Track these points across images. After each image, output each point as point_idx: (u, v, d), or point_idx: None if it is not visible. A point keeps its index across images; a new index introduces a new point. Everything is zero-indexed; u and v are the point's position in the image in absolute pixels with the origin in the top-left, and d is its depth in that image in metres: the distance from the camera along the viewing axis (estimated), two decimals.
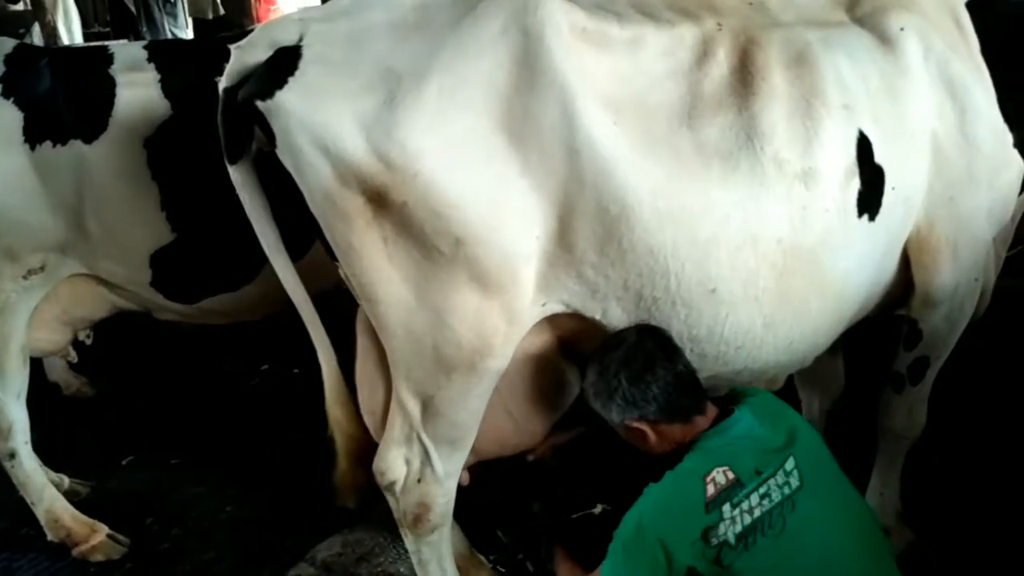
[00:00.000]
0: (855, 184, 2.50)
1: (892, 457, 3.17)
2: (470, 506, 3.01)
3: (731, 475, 2.21)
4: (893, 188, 2.58)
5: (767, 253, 2.42)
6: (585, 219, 2.29)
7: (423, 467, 2.60)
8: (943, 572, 3.06)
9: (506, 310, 2.37)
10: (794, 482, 2.24)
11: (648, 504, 2.28)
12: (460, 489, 2.73)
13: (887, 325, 3.10)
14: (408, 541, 2.77)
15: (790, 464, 2.26)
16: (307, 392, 4.87)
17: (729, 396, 2.48)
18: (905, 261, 2.81)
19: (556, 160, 2.26)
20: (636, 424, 2.35)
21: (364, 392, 2.73)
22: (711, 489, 2.20)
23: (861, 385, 3.50)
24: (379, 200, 2.25)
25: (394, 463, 2.62)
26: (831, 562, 2.21)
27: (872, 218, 2.56)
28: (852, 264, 2.59)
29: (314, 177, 2.28)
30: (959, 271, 2.79)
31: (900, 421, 3.07)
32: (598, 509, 3.29)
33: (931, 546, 3.19)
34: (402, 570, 3.46)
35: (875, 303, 2.85)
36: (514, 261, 2.32)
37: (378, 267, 2.34)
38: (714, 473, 2.22)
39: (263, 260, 3.36)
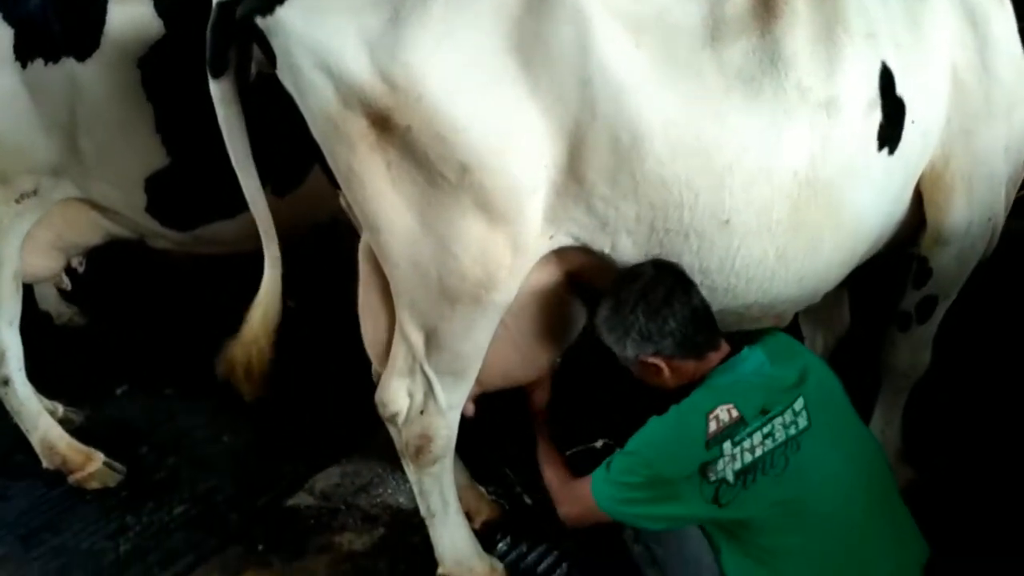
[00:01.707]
0: (876, 116, 2.43)
1: (895, 395, 3.16)
2: (471, 438, 2.99)
3: (735, 413, 2.19)
4: (913, 121, 2.51)
5: (784, 184, 2.35)
6: (596, 149, 2.21)
7: (426, 399, 2.57)
8: (943, 509, 3.06)
9: (512, 241, 2.31)
10: (801, 422, 2.22)
11: (649, 435, 2.28)
12: (463, 420, 2.70)
13: (894, 263, 3.06)
14: (410, 472, 2.76)
15: (799, 404, 2.24)
16: (302, 325, 4.87)
17: (743, 335, 2.45)
18: (917, 197, 2.75)
19: (567, 86, 2.18)
20: (651, 360, 2.31)
21: (367, 324, 2.69)
22: (713, 426, 2.18)
23: (865, 323, 3.47)
24: (382, 123, 2.17)
25: (396, 395, 2.58)
26: (834, 502, 2.21)
27: (891, 152, 2.49)
28: (869, 199, 2.53)
29: (316, 99, 2.19)
30: (973, 209, 2.74)
31: (904, 360, 3.05)
32: (599, 443, 3.27)
33: (932, 484, 3.19)
34: (401, 501, 3.47)
35: (886, 240, 2.80)
36: (521, 190, 2.25)
37: (380, 193, 2.27)
38: (718, 410, 2.20)
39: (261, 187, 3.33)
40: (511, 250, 2.32)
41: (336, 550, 3.24)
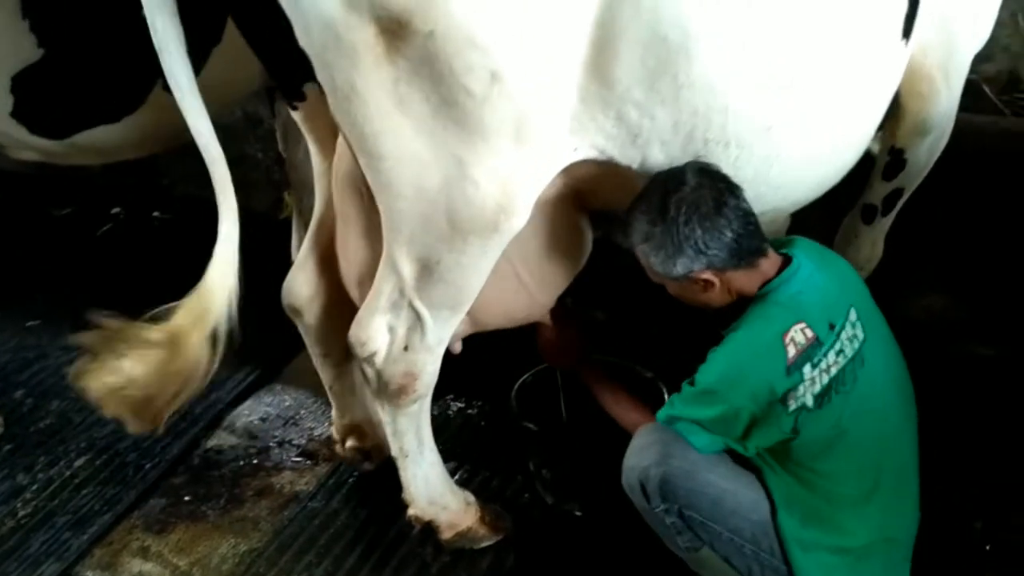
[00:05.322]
0: (904, 1, 2.27)
1: None
2: None
3: (810, 333, 2.06)
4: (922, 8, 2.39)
5: (831, 79, 2.18)
6: (635, 48, 1.93)
7: (410, 334, 2.29)
8: None
9: (538, 159, 2.04)
10: (860, 334, 2.13)
11: (721, 369, 2.11)
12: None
13: None
14: (383, 411, 2.48)
15: (853, 315, 2.14)
16: (174, 239, 4.36)
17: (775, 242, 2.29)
18: None
19: None
20: (703, 275, 2.11)
21: (346, 264, 2.39)
22: (792, 350, 2.04)
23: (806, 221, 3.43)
24: (396, 31, 1.81)
25: (377, 332, 2.28)
26: (886, 413, 2.17)
27: (907, 41, 2.35)
28: (886, 92, 2.42)
29: (312, 2, 1.81)
30: (951, 99, 2.68)
31: (864, 253, 2.99)
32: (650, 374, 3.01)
33: None
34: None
35: None
36: (555, 98, 1.97)
37: (386, 114, 1.92)
38: (792, 332, 2.06)
39: (151, 83, 2.86)
40: (536, 169, 2.06)
41: (277, 493, 2.94)
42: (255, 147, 4.37)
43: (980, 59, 3.63)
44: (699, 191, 2.06)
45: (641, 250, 2.14)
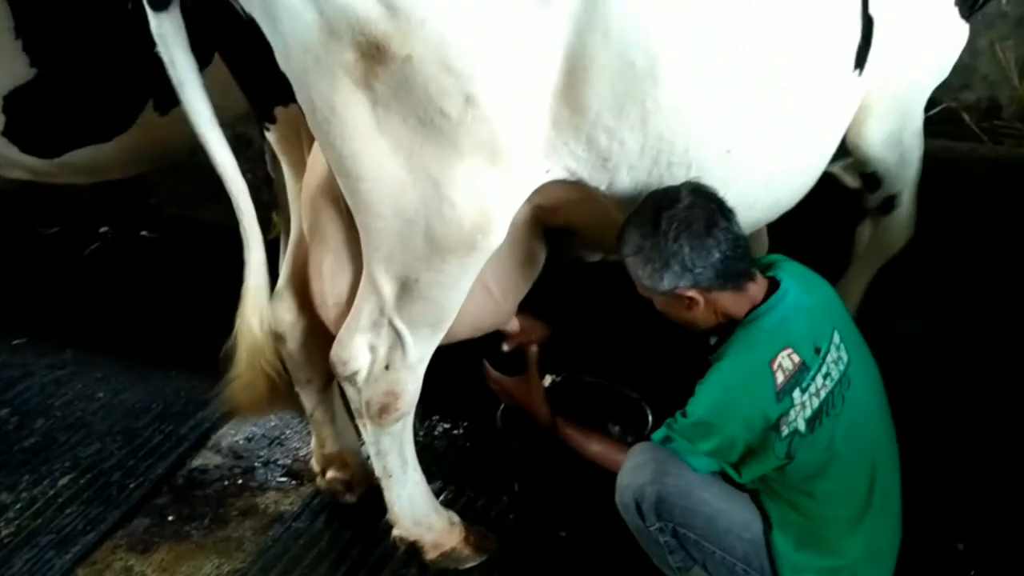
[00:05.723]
0: (857, 34, 2.33)
1: (869, 269, 3.12)
2: None
3: (796, 358, 2.09)
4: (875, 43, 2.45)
5: (788, 109, 2.23)
6: (604, 75, 1.97)
7: (391, 353, 2.30)
8: None
9: (513, 179, 2.08)
10: (845, 356, 2.16)
11: (712, 400, 2.14)
12: None
13: None
14: (367, 432, 2.48)
15: (837, 337, 2.17)
16: (162, 259, 4.37)
17: (759, 263, 2.30)
18: None
19: (575, 2, 1.92)
20: (688, 292, 2.13)
21: (323, 286, 2.38)
22: (780, 377, 2.07)
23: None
24: (375, 55, 1.84)
25: (358, 351, 2.30)
26: (872, 433, 2.20)
27: (860, 73, 2.41)
28: (840, 121, 2.48)
29: (293, 27, 1.84)
30: (896, 132, 2.71)
31: (890, 235, 3.01)
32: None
33: None
34: None
35: None
36: (528, 122, 2.00)
37: (364, 135, 1.96)
38: (779, 358, 2.08)
39: (142, 104, 2.89)
40: (511, 189, 2.09)
41: (262, 513, 2.93)
42: (244, 167, 4.36)
43: (959, 87, 3.76)
44: (691, 210, 2.09)
45: (631, 262, 2.17)
